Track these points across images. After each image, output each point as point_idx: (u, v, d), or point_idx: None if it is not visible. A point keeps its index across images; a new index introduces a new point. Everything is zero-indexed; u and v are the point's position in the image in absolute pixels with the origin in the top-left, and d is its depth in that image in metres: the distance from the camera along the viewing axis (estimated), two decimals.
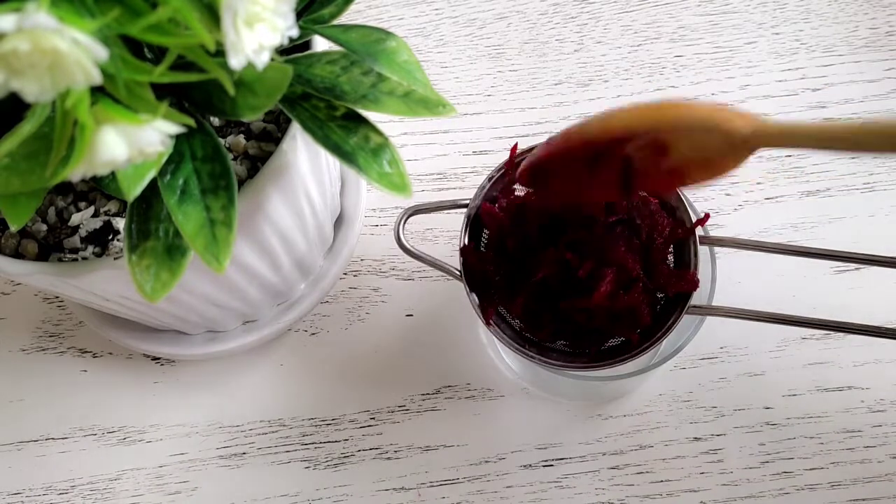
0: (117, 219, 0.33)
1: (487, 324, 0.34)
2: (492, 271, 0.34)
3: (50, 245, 0.32)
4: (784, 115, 0.46)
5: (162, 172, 0.25)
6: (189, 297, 0.34)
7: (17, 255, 0.32)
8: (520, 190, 0.35)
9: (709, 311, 0.34)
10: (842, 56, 0.48)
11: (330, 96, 0.26)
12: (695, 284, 0.33)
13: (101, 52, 0.18)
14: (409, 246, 0.34)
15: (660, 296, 0.34)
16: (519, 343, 0.34)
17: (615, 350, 0.34)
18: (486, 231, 0.36)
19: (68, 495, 0.40)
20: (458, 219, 0.45)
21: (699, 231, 0.34)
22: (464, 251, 0.34)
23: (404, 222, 0.34)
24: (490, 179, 0.35)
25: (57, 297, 0.44)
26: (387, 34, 0.28)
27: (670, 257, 0.35)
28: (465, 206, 0.35)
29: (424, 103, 0.27)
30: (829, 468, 0.39)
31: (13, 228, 0.26)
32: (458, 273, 0.34)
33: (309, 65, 0.27)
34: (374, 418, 0.41)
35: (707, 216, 0.34)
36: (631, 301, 0.33)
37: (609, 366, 0.33)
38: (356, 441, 0.41)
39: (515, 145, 0.35)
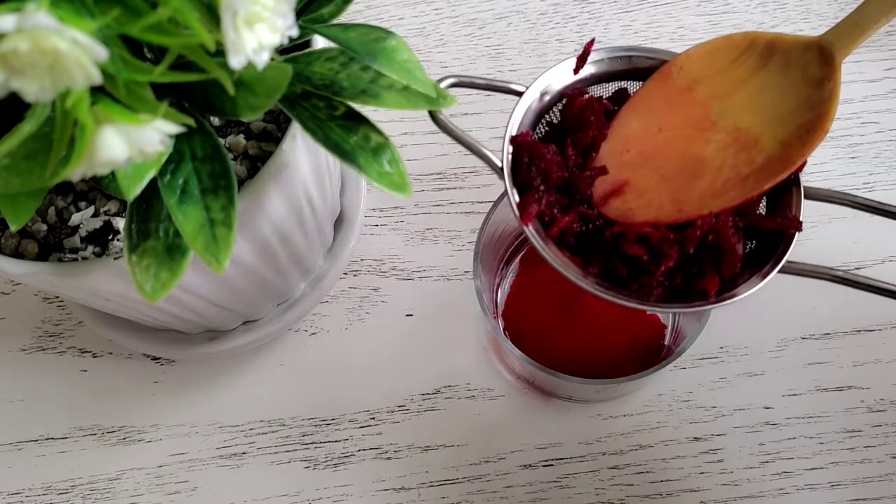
0: (117, 219, 0.33)
1: (525, 222, 0.29)
2: (557, 164, 0.29)
3: (50, 245, 0.32)
4: None
5: (162, 172, 0.25)
6: (189, 297, 0.34)
7: (17, 255, 0.32)
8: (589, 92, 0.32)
9: (810, 270, 0.28)
10: None
11: (329, 93, 0.26)
12: (799, 225, 0.29)
13: (101, 52, 0.18)
14: (446, 121, 0.29)
15: (747, 247, 0.30)
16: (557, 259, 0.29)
17: (678, 294, 0.29)
18: (542, 127, 0.32)
19: (68, 495, 0.40)
20: (458, 218, 0.45)
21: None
22: (518, 140, 0.30)
23: None
24: (550, 72, 0.32)
25: (57, 297, 0.44)
26: (387, 33, 0.28)
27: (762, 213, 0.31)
28: (519, 92, 0.31)
29: (424, 96, 0.27)
30: (829, 468, 0.39)
31: (13, 228, 0.26)
32: (498, 165, 0.30)
33: (308, 63, 0.27)
34: (374, 418, 0.41)
35: (805, 161, 0.29)
36: (720, 229, 0.27)
37: (672, 309, 0.29)
38: (356, 441, 0.41)
39: (592, 40, 0.32)
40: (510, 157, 0.30)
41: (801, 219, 0.29)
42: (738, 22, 0.49)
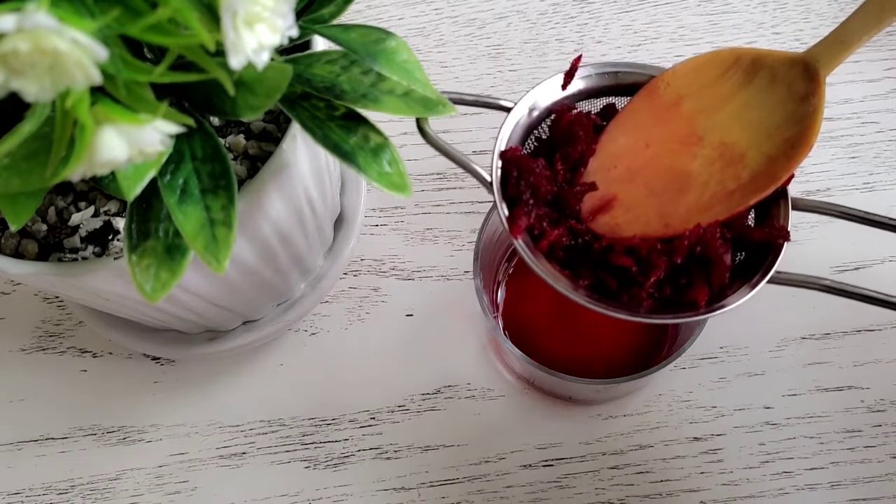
0: (117, 219, 0.33)
1: (515, 235, 0.29)
2: (546, 178, 0.30)
3: (50, 245, 0.32)
4: None
5: (162, 172, 0.25)
6: (189, 297, 0.34)
7: (17, 255, 0.32)
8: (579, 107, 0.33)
9: (803, 281, 0.29)
10: None
11: (329, 96, 0.26)
12: (787, 235, 0.29)
13: (101, 52, 0.18)
14: (434, 136, 0.30)
15: (737, 258, 0.30)
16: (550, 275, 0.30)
17: (668, 304, 0.29)
18: (531, 143, 0.33)
19: (68, 495, 0.40)
20: (458, 218, 0.45)
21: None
22: (507, 155, 0.30)
23: None
24: (541, 86, 0.32)
25: (57, 297, 0.44)
26: (387, 34, 0.28)
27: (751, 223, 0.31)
28: (508, 108, 0.32)
29: (424, 102, 0.27)
30: (829, 468, 0.39)
31: (13, 228, 0.26)
32: (487, 179, 0.30)
33: (308, 64, 0.27)
34: (374, 418, 0.41)
35: (793, 174, 0.30)
36: (708, 240, 0.28)
37: (661, 320, 0.29)
38: (356, 441, 0.41)
39: (580, 56, 0.32)
40: (499, 171, 0.31)
41: (789, 228, 0.30)
42: (738, 22, 0.49)
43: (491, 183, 0.30)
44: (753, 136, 0.30)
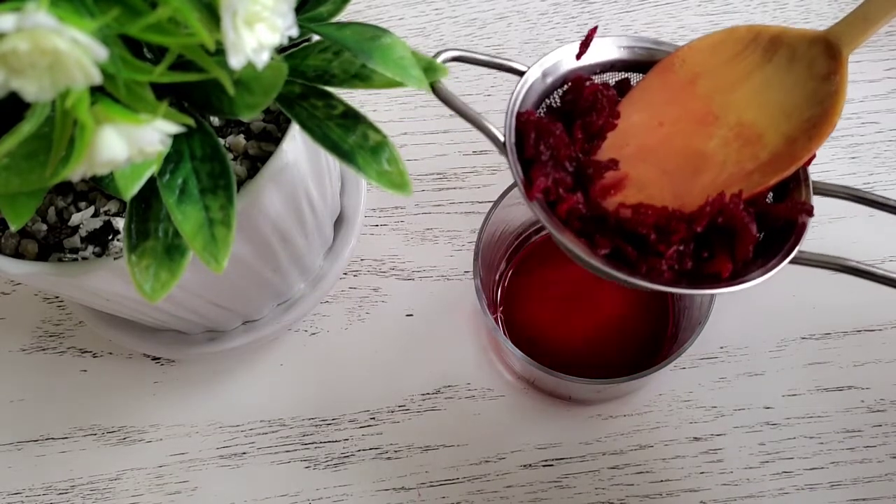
0: (117, 219, 0.33)
1: (532, 197, 0.28)
2: (564, 143, 0.29)
3: (50, 245, 0.32)
4: None
5: (161, 172, 0.25)
6: (189, 296, 0.34)
7: (17, 255, 0.32)
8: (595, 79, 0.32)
9: (824, 261, 0.28)
10: None
11: (320, 83, 0.26)
12: (810, 210, 0.28)
13: (101, 52, 0.18)
14: (446, 92, 0.29)
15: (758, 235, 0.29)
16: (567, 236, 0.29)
17: (688, 275, 0.28)
18: (541, 111, 0.32)
19: (68, 495, 0.40)
20: (458, 218, 0.45)
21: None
22: (524, 116, 0.29)
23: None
24: (550, 56, 0.31)
25: (57, 297, 0.44)
26: (382, 31, 0.27)
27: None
28: (519, 72, 0.31)
29: (416, 71, 0.27)
30: (829, 468, 0.39)
31: (13, 228, 0.26)
32: (500, 139, 0.29)
33: (304, 57, 0.27)
34: (374, 418, 0.41)
35: (814, 155, 0.29)
36: (732, 210, 0.27)
37: (682, 289, 0.28)
38: (356, 441, 0.41)
39: (595, 27, 0.32)
40: (513, 132, 0.29)
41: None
42: (738, 22, 0.49)
43: (504, 143, 0.29)
44: (772, 116, 0.30)
